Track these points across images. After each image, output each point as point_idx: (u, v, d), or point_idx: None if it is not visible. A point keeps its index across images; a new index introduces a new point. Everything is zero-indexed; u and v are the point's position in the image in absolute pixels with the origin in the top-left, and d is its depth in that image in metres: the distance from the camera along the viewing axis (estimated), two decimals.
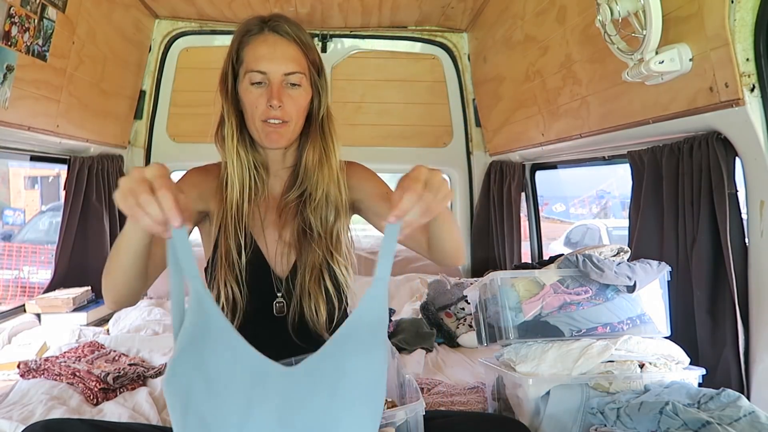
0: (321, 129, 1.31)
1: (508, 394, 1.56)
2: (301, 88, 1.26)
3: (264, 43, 1.24)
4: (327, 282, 1.28)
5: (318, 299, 1.26)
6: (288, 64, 1.24)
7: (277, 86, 1.23)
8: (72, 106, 2.60)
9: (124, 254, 1.01)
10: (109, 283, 1.09)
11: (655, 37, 1.50)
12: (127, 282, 1.07)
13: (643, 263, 1.53)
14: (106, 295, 1.13)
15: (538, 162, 3.10)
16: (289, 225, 1.31)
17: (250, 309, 1.26)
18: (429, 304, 2.60)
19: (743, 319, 1.51)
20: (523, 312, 1.50)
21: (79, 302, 2.75)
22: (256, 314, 1.26)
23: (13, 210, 12.21)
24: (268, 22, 1.25)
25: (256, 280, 1.27)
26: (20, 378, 1.93)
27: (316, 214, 1.29)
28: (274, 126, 1.24)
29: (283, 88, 1.24)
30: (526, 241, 3.33)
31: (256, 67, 1.23)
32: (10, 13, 2.02)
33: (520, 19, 2.60)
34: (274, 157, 1.33)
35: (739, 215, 1.54)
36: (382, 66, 3.61)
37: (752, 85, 1.39)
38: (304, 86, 1.27)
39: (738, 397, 1.30)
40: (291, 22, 1.27)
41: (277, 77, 1.23)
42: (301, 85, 1.26)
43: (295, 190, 1.31)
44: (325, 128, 1.31)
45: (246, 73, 1.25)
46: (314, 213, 1.29)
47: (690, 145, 1.66)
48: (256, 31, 1.25)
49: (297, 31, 1.26)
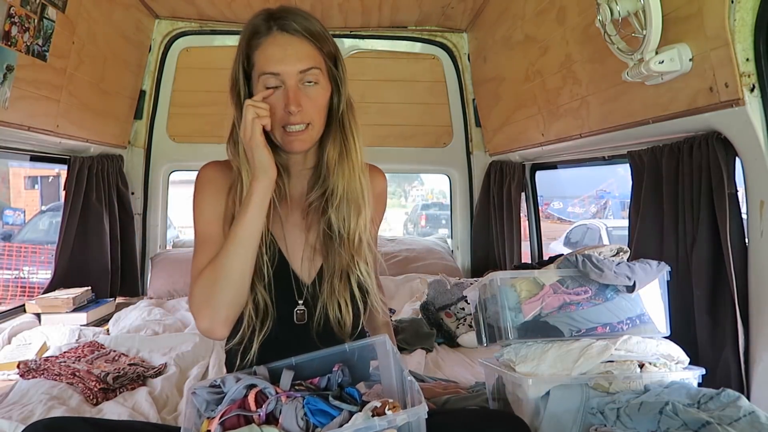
0: (341, 124, 1.26)
1: (508, 394, 1.55)
2: (318, 85, 1.21)
3: (274, 44, 1.19)
4: (354, 287, 1.25)
5: (345, 305, 1.24)
6: (302, 61, 1.19)
7: (293, 89, 1.19)
8: (72, 106, 2.60)
9: (246, 247, 1.13)
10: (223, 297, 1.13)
11: (655, 37, 1.50)
12: (245, 286, 1.14)
13: (642, 263, 1.53)
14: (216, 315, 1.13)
15: (538, 162, 3.10)
16: (314, 228, 1.28)
17: (276, 313, 1.23)
18: (429, 304, 2.60)
19: (743, 319, 1.51)
20: (523, 312, 1.50)
21: (79, 302, 2.75)
22: (280, 321, 1.23)
23: (13, 210, 12.21)
24: (276, 19, 1.20)
25: (279, 286, 1.24)
26: (20, 378, 1.93)
27: (338, 214, 1.25)
28: (295, 134, 1.20)
29: (299, 90, 1.19)
30: (526, 241, 3.33)
31: (268, 69, 1.19)
32: (10, 13, 2.02)
33: (520, 19, 2.60)
34: (296, 158, 1.29)
35: (739, 215, 1.54)
36: (382, 66, 3.61)
37: (752, 85, 1.39)
38: (322, 83, 1.22)
39: (738, 397, 1.30)
40: (300, 14, 1.21)
41: (292, 78, 1.19)
42: (318, 82, 1.21)
43: (317, 190, 1.27)
44: (346, 122, 1.26)
45: (260, 76, 1.20)
46: (336, 213, 1.25)
47: (690, 145, 1.66)
48: (264, 31, 1.20)
49: (307, 24, 1.21)
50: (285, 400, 1.06)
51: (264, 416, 1.05)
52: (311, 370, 1.18)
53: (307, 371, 1.18)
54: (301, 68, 1.19)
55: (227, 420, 1.05)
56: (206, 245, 1.21)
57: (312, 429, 1.04)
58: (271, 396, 1.07)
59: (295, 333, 1.25)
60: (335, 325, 1.24)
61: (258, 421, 1.05)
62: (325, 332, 1.24)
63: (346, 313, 1.24)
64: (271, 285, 1.22)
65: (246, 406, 1.07)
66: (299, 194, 1.31)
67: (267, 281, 1.22)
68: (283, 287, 1.25)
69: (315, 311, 1.24)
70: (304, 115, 1.20)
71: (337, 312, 1.23)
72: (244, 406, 1.07)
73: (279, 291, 1.24)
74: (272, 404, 1.06)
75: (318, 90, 1.22)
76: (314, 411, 1.05)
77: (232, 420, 1.06)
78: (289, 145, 1.22)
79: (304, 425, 1.04)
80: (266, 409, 1.05)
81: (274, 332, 1.22)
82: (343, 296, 1.24)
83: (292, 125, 1.20)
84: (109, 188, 3.12)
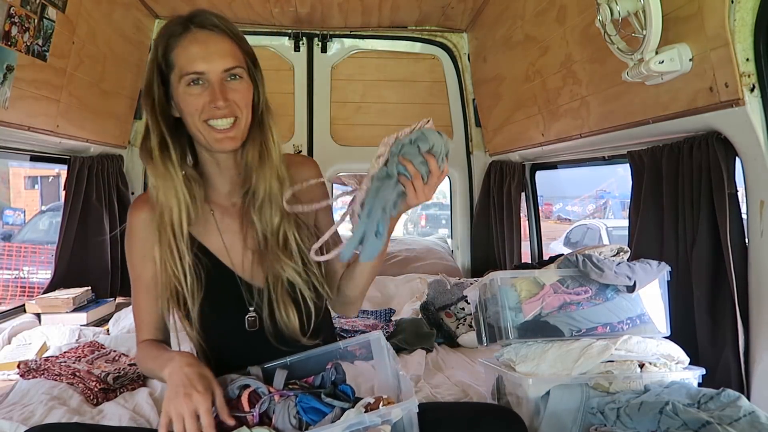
0: (260, 124, 1.21)
1: (508, 393, 1.56)
2: (243, 80, 1.17)
3: (194, 42, 1.14)
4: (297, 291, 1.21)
5: (288, 309, 1.19)
6: (226, 59, 1.14)
7: (217, 84, 1.13)
8: (72, 106, 2.60)
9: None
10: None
11: (655, 37, 1.50)
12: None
13: (642, 263, 1.53)
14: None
15: (538, 162, 3.10)
16: (250, 232, 1.23)
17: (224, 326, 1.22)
18: (429, 304, 2.60)
19: (743, 319, 1.51)
20: (523, 312, 1.50)
21: (79, 302, 2.75)
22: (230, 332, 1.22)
23: (13, 210, 12.21)
24: (193, 18, 1.16)
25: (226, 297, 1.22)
26: (20, 378, 1.93)
27: (261, 216, 1.21)
28: (223, 131, 1.15)
29: (224, 85, 1.14)
30: (526, 241, 3.33)
31: (191, 68, 1.13)
32: (10, 13, 2.02)
33: (520, 19, 2.60)
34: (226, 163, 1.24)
35: (739, 215, 1.54)
36: (382, 66, 3.61)
37: (752, 85, 1.39)
38: (245, 78, 1.18)
39: (738, 397, 1.30)
40: (216, 14, 1.17)
41: (216, 76, 1.14)
42: (243, 78, 1.17)
43: (238, 191, 1.24)
44: (264, 122, 1.21)
45: (181, 77, 1.14)
46: (259, 215, 1.21)
47: (690, 145, 1.66)
48: (181, 30, 1.15)
49: (225, 22, 1.17)
50: (278, 399, 1.07)
51: (257, 416, 1.06)
52: (306, 369, 1.18)
53: (302, 370, 1.18)
54: (226, 66, 1.14)
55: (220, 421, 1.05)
56: (136, 284, 1.27)
57: (305, 427, 1.04)
58: (264, 396, 1.08)
59: (249, 340, 1.22)
60: (284, 329, 1.20)
61: (251, 420, 1.05)
62: (280, 336, 1.20)
63: (292, 315, 1.20)
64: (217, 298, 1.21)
65: (239, 407, 1.07)
66: (232, 201, 1.26)
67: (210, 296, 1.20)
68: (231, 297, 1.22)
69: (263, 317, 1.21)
70: (231, 109, 1.14)
71: (283, 315, 1.19)
72: (238, 407, 1.07)
73: (226, 301, 1.22)
74: (265, 404, 1.07)
75: (243, 84, 1.17)
76: (306, 409, 1.05)
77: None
78: (219, 144, 1.16)
79: (296, 423, 1.04)
80: (259, 409, 1.06)
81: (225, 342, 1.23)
82: (285, 301, 1.20)
83: (217, 119, 1.14)
84: (109, 188, 3.12)
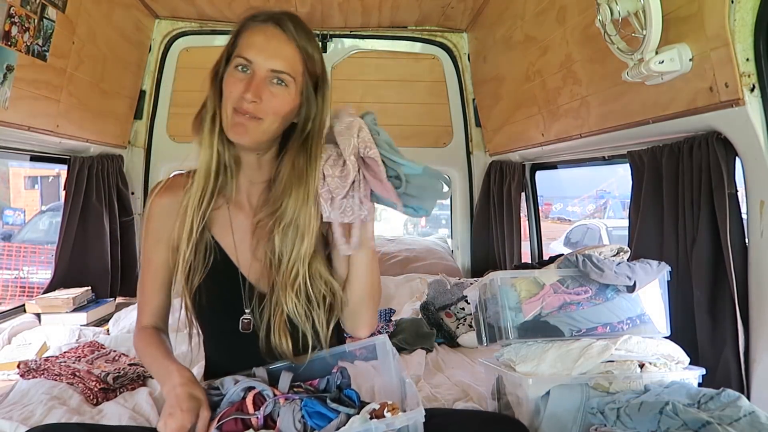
0: (305, 145, 1.16)
1: (508, 394, 1.56)
2: (287, 89, 1.14)
3: (261, 32, 1.14)
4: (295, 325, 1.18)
5: (282, 337, 1.17)
6: (277, 60, 1.13)
7: (258, 79, 1.12)
8: (72, 106, 2.60)
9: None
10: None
11: (655, 37, 1.50)
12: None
13: (642, 263, 1.53)
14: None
15: (538, 162, 3.10)
16: (261, 244, 1.21)
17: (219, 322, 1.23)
18: (429, 304, 2.60)
19: (743, 319, 1.51)
20: (523, 312, 1.50)
21: (79, 302, 2.75)
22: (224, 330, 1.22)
23: (13, 210, 12.22)
24: (274, 15, 1.16)
25: (224, 287, 1.22)
26: (20, 378, 1.93)
27: (282, 239, 1.17)
28: (242, 118, 1.12)
29: (265, 84, 1.12)
30: (526, 241, 3.33)
31: (244, 53, 1.13)
32: (10, 13, 2.02)
33: (520, 19, 2.60)
34: (248, 160, 1.22)
35: (739, 215, 1.54)
36: (382, 66, 3.61)
37: (752, 85, 1.39)
38: (291, 90, 1.15)
39: (738, 397, 1.30)
40: (300, 24, 1.17)
41: (261, 71, 1.12)
42: (289, 87, 1.14)
43: (267, 207, 1.19)
44: (311, 146, 1.16)
45: (234, 58, 1.15)
46: (281, 236, 1.17)
47: (690, 145, 1.66)
48: (261, 19, 1.16)
49: (301, 34, 1.16)
50: (283, 403, 1.06)
51: (262, 418, 1.05)
52: (311, 371, 1.18)
53: (307, 372, 1.18)
54: (274, 67, 1.13)
55: (225, 423, 1.05)
56: (145, 267, 1.29)
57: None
58: (269, 398, 1.08)
59: (240, 343, 1.21)
60: (276, 351, 1.18)
61: (256, 423, 1.05)
62: (271, 353, 1.18)
63: (285, 344, 1.17)
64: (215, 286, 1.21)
65: (244, 409, 1.07)
66: (249, 203, 1.25)
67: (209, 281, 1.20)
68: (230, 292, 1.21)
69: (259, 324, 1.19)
70: (258, 109, 1.12)
71: (278, 341, 1.17)
72: (242, 409, 1.07)
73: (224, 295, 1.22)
74: (270, 406, 1.06)
75: (284, 93, 1.14)
76: (311, 413, 1.05)
77: (230, 424, 1.06)
78: (233, 128, 1.13)
79: (301, 428, 1.04)
80: (264, 412, 1.06)
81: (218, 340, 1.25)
82: (279, 326, 1.17)
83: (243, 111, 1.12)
84: (109, 188, 3.12)
